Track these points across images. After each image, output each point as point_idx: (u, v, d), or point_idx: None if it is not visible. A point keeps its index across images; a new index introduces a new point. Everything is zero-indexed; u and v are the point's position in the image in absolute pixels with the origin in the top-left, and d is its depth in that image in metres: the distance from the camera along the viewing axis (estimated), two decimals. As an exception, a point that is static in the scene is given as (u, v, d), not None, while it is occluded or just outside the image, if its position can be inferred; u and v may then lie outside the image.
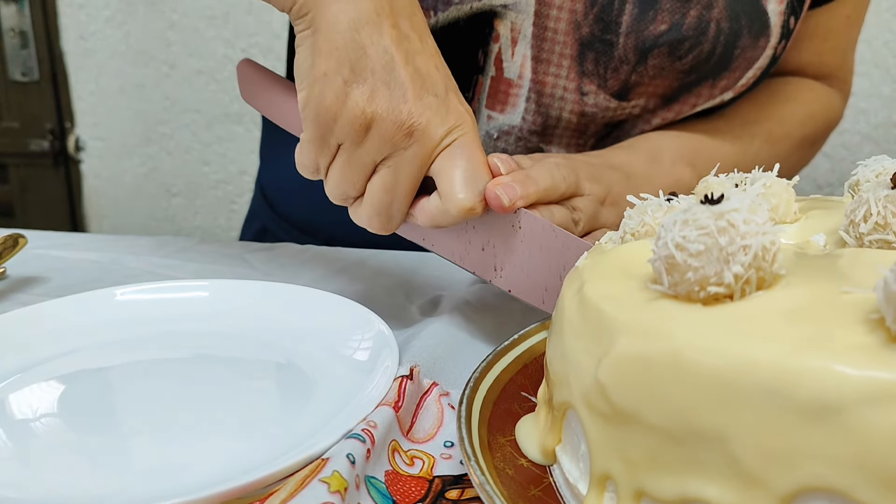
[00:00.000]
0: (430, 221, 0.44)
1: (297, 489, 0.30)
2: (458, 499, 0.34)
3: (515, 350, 0.41)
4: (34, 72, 1.77)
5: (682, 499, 0.25)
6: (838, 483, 0.22)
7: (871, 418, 0.22)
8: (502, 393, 0.38)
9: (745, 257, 0.26)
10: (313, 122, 0.42)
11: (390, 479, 0.35)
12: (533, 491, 0.32)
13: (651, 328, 0.26)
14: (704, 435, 0.24)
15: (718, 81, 0.60)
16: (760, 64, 0.60)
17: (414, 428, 0.38)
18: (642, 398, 0.26)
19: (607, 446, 0.28)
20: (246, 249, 0.67)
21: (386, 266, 0.62)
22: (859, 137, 1.40)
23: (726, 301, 0.26)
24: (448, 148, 0.42)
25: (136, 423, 0.40)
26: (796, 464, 0.23)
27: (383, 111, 0.41)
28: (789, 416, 0.23)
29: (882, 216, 0.30)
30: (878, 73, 1.36)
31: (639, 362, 0.26)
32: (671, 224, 0.27)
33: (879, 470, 0.22)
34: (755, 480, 0.23)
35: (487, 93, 0.61)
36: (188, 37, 1.68)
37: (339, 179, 0.43)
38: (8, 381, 0.43)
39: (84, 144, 1.81)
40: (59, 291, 0.56)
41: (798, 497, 0.23)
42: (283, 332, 0.48)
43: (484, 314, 0.53)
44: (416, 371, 0.40)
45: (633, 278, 0.30)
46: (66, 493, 0.34)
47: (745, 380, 0.23)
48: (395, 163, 0.42)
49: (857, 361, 0.22)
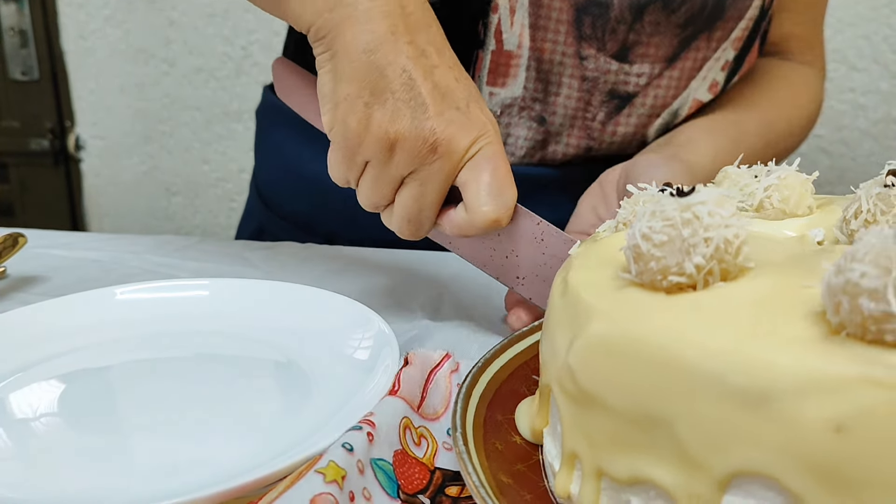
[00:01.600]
0: (456, 231, 0.45)
1: (293, 482, 0.31)
2: (458, 496, 0.34)
3: (534, 336, 0.41)
4: (34, 71, 1.77)
5: (633, 479, 0.26)
6: (770, 469, 0.23)
7: (802, 408, 0.22)
8: (511, 374, 0.39)
9: (706, 249, 0.26)
10: (340, 145, 0.43)
11: (398, 459, 0.35)
12: (518, 466, 0.33)
13: (614, 313, 0.27)
14: (654, 418, 0.25)
15: (714, 33, 0.61)
16: (751, 14, 0.61)
17: (424, 403, 0.39)
18: (603, 381, 0.27)
19: (575, 427, 0.29)
20: (246, 248, 0.67)
21: (387, 264, 0.62)
22: (858, 133, 1.40)
23: (689, 291, 0.27)
24: (472, 159, 0.43)
25: (136, 422, 0.40)
26: (732, 449, 0.24)
27: (406, 130, 0.42)
28: (728, 402, 0.23)
29: (871, 213, 0.31)
30: (877, 68, 1.36)
31: (602, 346, 0.27)
32: (641, 215, 0.28)
33: (809, 459, 0.22)
34: (696, 463, 0.24)
35: (488, 68, 0.61)
36: (188, 35, 1.68)
37: (369, 192, 0.45)
38: (8, 380, 0.43)
39: (84, 143, 1.81)
40: (59, 290, 0.56)
41: (734, 481, 0.24)
42: (283, 330, 0.48)
43: (488, 312, 0.53)
44: (412, 356, 0.40)
45: (611, 267, 0.31)
46: (66, 493, 0.34)
47: (691, 366, 0.24)
48: (422, 177, 0.43)
49: (794, 353, 0.23)
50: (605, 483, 0.28)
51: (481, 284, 0.57)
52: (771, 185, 0.36)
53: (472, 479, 0.29)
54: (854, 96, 1.38)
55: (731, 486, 0.24)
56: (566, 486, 0.29)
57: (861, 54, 1.36)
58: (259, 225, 0.79)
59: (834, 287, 0.23)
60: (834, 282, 0.23)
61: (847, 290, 0.22)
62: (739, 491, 0.24)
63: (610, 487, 0.28)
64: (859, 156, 1.41)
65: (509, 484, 0.31)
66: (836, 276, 0.23)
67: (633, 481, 0.26)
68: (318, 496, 0.29)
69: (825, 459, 0.22)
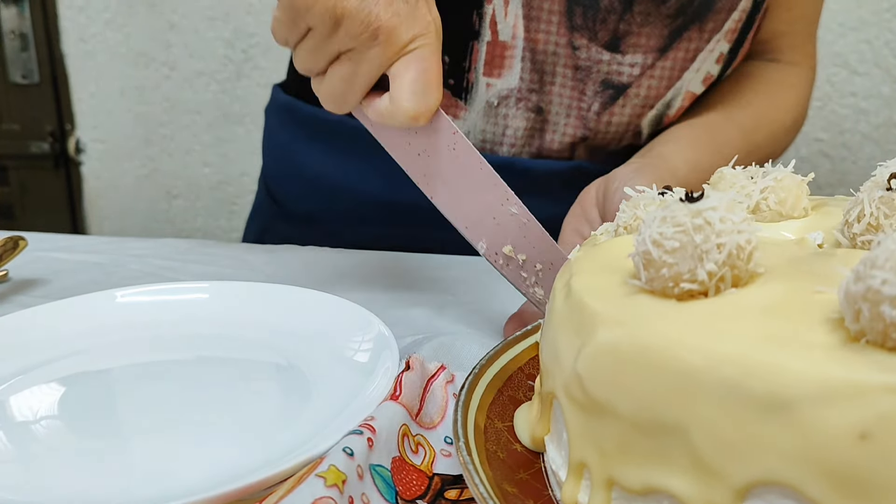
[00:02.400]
0: (377, 118, 0.46)
1: (294, 486, 0.30)
2: (457, 499, 0.34)
3: (528, 340, 0.41)
4: (34, 74, 1.77)
5: (647, 489, 0.26)
6: (790, 478, 0.22)
7: (822, 416, 0.22)
8: (508, 380, 0.38)
9: (718, 255, 0.26)
10: (288, 6, 0.44)
11: (396, 466, 0.34)
12: (521, 475, 0.32)
13: (625, 321, 0.27)
14: (668, 427, 0.25)
15: (706, 24, 0.61)
16: (744, 6, 0.61)
17: (422, 412, 0.39)
18: (614, 389, 0.26)
19: (583, 436, 0.28)
20: (247, 251, 0.67)
21: (389, 268, 0.62)
22: (860, 137, 1.40)
23: (701, 298, 0.27)
24: (408, 55, 0.44)
25: (137, 424, 0.40)
26: (751, 458, 0.23)
27: (353, 9, 0.42)
28: (745, 410, 0.23)
29: (875, 217, 0.30)
30: (878, 73, 1.36)
31: (612, 354, 0.27)
32: (650, 220, 0.27)
33: (828, 467, 0.22)
34: (713, 473, 0.24)
35: (484, 59, 0.62)
36: (188, 38, 1.68)
37: (305, 57, 0.46)
38: (8, 383, 0.43)
39: (84, 146, 1.81)
40: (59, 293, 0.56)
41: (752, 490, 0.23)
42: (284, 333, 0.48)
43: (489, 316, 0.53)
44: (414, 360, 0.40)
45: (617, 272, 0.30)
46: (66, 496, 0.34)
47: (706, 373, 0.24)
48: (357, 58, 0.44)
49: (813, 359, 0.23)
50: (617, 493, 0.27)
51: (483, 289, 0.57)
52: (767, 186, 0.35)
53: (479, 491, 0.29)
54: (856, 100, 1.38)
55: (749, 495, 0.23)
56: (574, 496, 0.29)
57: (863, 58, 1.36)
58: (266, 223, 0.79)
59: (854, 294, 0.22)
60: (853, 289, 0.22)
61: (868, 298, 0.22)
62: (758, 500, 0.23)
63: (621, 497, 0.27)
64: (860, 159, 1.41)
65: (514, 493, 0.30)
66: (855, 283, 0.22)
67: (646, 491, 0.26)
68: (319, 500, 0.29)
69: (848, 468, 0.22)
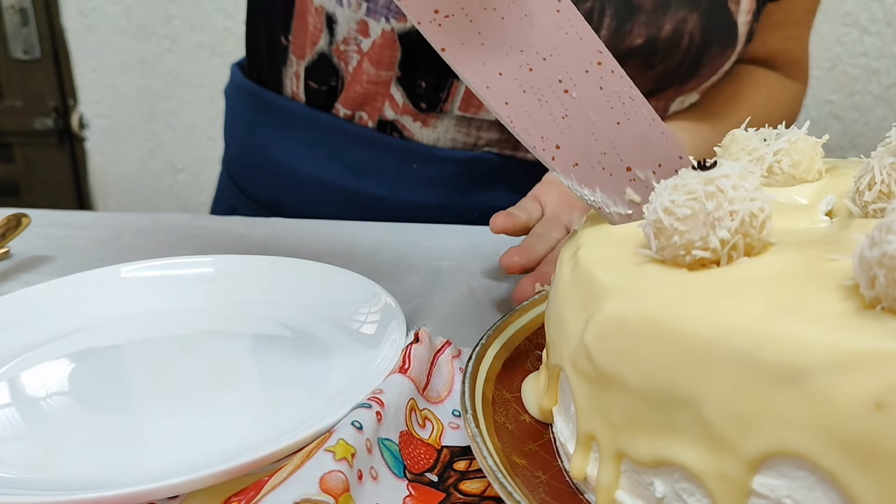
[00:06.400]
0: None
1: (304, 461, 0.30)
2: (466, 469, 0.34)
3: (536, 309, 0.40)
4: (35, 49, 1.75)
5: (657, 461, 0.25)
6: (803, 448, 0.22)
7: (836, 385, 0.21)
8: (515, 350, 0.38)
9: (731, 222, 0.26)
10: None
11: (404, 440, 0.34)
12: (530, 446, 0.32)
13: (633, 291, 0.26)
14: (679, 399, 0.24)
15: (685, 86, 0.63)
16: (725, 69, 0.64)
17: (429, 387, 0.38)
18: (623, 361, 0.26)
19: (592, 408, 0.28)
20: (250, 225, 0.67)
21: (384, 239, 0.62)
22: (871, 98, 1.38)
23: (712, 266, 0.26)
24: None
25: (145, 399, 0.40)
26: (764, 428, 0.23)
27: None
28: (758, 380, 0.23)
29: (886, 184, 0.30)
30: (890, 32, 1.33)
31: (620, 325, 0.26)
32: (662, 189, 0.27)
33: (843, 437, 0.21)
34: (725, 444, 0.24)
35: (462, 96, 0.63)
36: (188, 10, 1.67)
37: None
38: (17, 360, 0.43)
39: (88, 122, 1.81)
40: (63, 270, 0.56)
41: (766, 461, 0.23)
42: (290, 306, 0.47)
43: (487, 282, 0.53)
44: (423, 333, 0.39)
45: (625, 244, 0.30)
46: (78, 471, 0.34)
47: (717, 343, 0.23)
48: None
49: (827, 328, 0.22)
50: (626, 465, 0.27)
51: (480, 256, 0.57)
52: (781, 149, 0.35)
53: (487, 463, 0.29)
54: (867, 60, 1.36)
55: (762, 466, 0.23)
56: (583, 469, 0.29)
57: (874, 18, 1.33)
58: (231, 205, 0.79)
59: (869, 260, 0.22)
60: (869, 255, 0.22)
61: (884, 264, 0.21)
62: (771, 471, 0.23)
63: (631, 469, 0.27)
64: (872, 121, 1.39)
65: (523, 465, 0.30)
66: (870, 249, 0.22)
67: (656, 463, 0.26)
68: (328, 474, 0.29)
69: (863, 437, 0.21)
